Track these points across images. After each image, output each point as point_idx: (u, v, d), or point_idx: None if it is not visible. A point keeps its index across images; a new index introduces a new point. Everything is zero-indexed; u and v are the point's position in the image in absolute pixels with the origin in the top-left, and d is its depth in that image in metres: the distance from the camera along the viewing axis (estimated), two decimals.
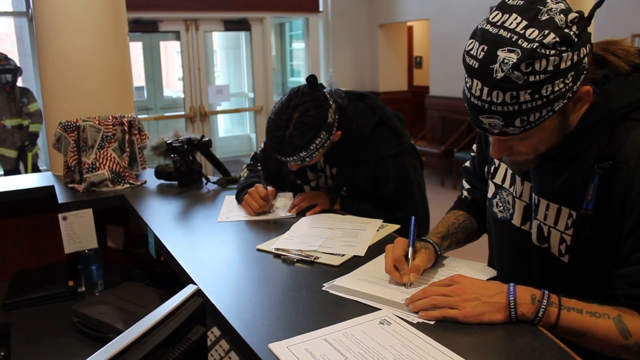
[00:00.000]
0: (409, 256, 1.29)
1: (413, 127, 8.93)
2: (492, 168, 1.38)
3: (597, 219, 1.10)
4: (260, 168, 1.98)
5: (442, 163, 7.58)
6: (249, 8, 7.89)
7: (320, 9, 8.69)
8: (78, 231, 2.18)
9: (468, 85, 1.04)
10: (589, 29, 1.03)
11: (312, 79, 1.78)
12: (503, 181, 1.34)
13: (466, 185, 1.57)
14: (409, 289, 1.24)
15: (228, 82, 9.29)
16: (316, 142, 1.73)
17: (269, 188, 1.92)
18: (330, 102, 1.79)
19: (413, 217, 1.39)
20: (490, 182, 1.38)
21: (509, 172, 1.32)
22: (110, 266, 2.43)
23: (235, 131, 10.15)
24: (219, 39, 9.85)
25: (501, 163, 1.35)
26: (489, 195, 1.39)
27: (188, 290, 1.04)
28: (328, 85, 2.00)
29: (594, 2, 1.05)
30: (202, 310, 1.05)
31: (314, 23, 8.70)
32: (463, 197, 1.58)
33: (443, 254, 1.43)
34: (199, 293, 1.06)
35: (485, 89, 1.00)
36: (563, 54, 0.96)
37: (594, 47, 1.06)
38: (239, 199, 2.00)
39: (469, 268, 1.36)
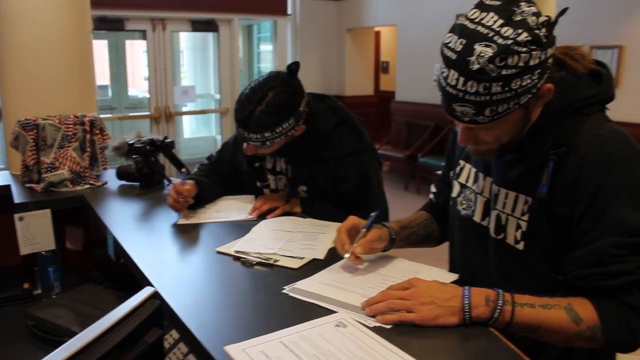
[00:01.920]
0: (361, 233, 1.40)
1: (378, 132, 9.00)
2: (458, 169, 1.45)
3: (551, 203, 1.16)
4: (184, 170, 2.07)
5: (407, 168, 7.66)
6: (217, 9, 7.84)
7: (289, 12, 8.69)
8: (35, 232, 2.13)
9: (444, 75, 1.11)
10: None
11: (294, 67, 1.80)
12: (467, 180, 1.41)
13: (433, 189, 1.64)
14: (368, 292, 1.26)
15: (194, 83, 9.21)
16: (283, 126, 1.74)
17: (188, 182, 1.92)
18: (305, 94, 1.82)
19: (378, 211, 1.46)
20: (455, 182, 1.45)
21: (473, 171, 1.39)
22: (69, 268, 2.39)
23: (200, 132, 10.06)
24: (187, 39, 9.76)
25: (466, 164, 1.42)
26: (454, 194, 1.45)
27: (145, 292, 1.04)
28: None
29: (557, 9, 1.11)
30: (159, 312, 1.05)
31: (282, 26, 8.69)
32: (429, 200, 1.65)
33: (399, 241, 1.49)
34: (156, 295, 1.06)
35: (461, 79, 1.07)
36: (533, 52, 1.04)
37: (556, 51, 1.15)
38: None
39: (430, 273, 1.38)
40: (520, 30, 1.03)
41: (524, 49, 1.03)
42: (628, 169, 1.10)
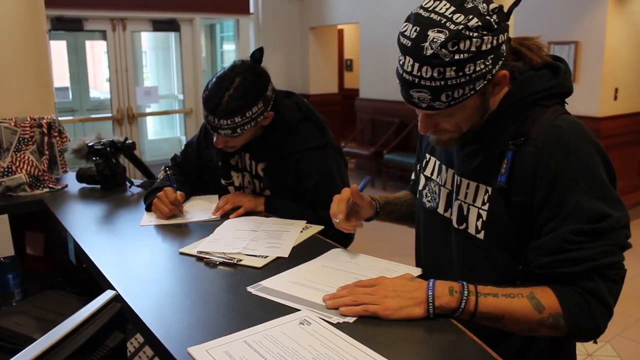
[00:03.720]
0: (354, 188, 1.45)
1: (344, 129, 9.04)
2: (424, 162, 1.48)
3: (510, 192, 1.19)
4: (169, 171, 1.99)
5: (373, 164, 7.70)
6: (178, 8, 7.75)
7: (251, 10, 8.65)
8: None
9: (401, 62, 1.14)
10: (510, 30, 1.15)
11: (257, 54, 1.84)
12: (432, 173, 1.43)
13: (413, 176, 1.66)
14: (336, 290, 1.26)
15: (157, 84, 9.09)
16: (253, 110, 1.75)
17: (179, 192, 1.91)
18: (270, 79, 1.84)
19: (369, 177, 1.53)
20: (421, 175, 1.48)
21: (437, 164, 1.41)
22: (30, 274, 2.33)
23: (165, 133, 9.93)
24: (148, 39, 9.62)
25: (431, 157, 1.45)
26: (420, 187, 1.48)
27: (105, 296, 1.02)
28: None
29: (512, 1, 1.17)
30: (120, 316, 1.03)
31: (245, 25, 8.64)
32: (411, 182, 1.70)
33: (382, 215, 1.56)
34: (117, 299, 1.04)
35: (416, 65, 1.10)
36: (484, 37, 1.07)
37: (512, 41, 1.19)
38: (147, 204, 1.97)
39: (398, 269, 1.39)
40: (471, 16, 1.07)
41: (475, 34, 1.07)
42: (585, 158, 1.13)
